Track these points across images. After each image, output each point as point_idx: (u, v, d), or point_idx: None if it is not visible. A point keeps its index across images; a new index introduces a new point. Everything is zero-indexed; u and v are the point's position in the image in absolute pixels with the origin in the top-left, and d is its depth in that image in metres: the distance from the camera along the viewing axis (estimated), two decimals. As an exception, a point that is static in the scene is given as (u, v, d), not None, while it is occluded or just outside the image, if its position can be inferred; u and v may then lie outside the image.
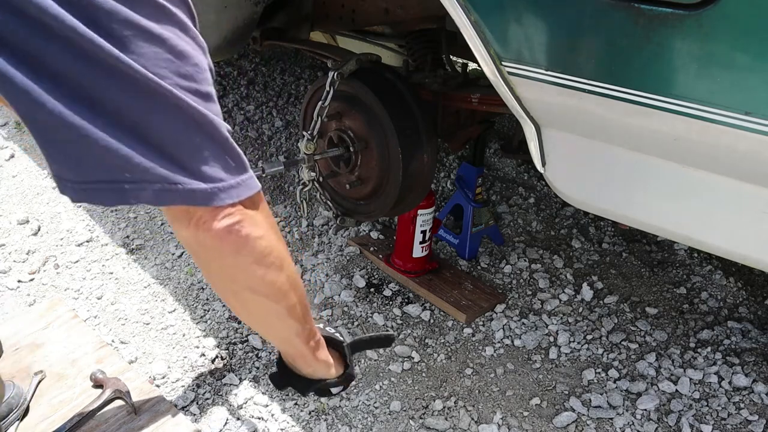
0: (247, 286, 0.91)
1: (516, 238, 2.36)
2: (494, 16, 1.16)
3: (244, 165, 0.83)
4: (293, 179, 2.67)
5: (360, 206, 1.87)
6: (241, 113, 3.32)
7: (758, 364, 1.78)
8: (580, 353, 1.82)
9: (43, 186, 2.61)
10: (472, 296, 2.00)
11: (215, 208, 0.79)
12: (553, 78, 1.12)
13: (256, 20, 1.93)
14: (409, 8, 1.76)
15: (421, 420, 1.60)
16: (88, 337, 1.74)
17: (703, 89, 0.96)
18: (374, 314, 1.94)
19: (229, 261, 0.86)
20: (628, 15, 0.98)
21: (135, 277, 2.09)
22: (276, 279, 0.91)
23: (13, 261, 2.15)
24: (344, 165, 1.78)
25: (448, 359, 1.80)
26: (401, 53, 2.31)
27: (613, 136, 1.15)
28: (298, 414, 1.59)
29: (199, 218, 0.80)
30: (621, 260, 2.25)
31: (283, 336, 1.07)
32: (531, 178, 2.77)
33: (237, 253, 0.85)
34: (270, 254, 0.88)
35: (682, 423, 1.60)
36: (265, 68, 3.85)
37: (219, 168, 0.78)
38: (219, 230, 0.80)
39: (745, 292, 2.10)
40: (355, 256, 2.22)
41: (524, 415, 1.63)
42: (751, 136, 0.93)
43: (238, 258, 0.85)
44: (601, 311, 1.99)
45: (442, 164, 2.85)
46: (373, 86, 1.66)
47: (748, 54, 0.90)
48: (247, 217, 0.83)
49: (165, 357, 1.76)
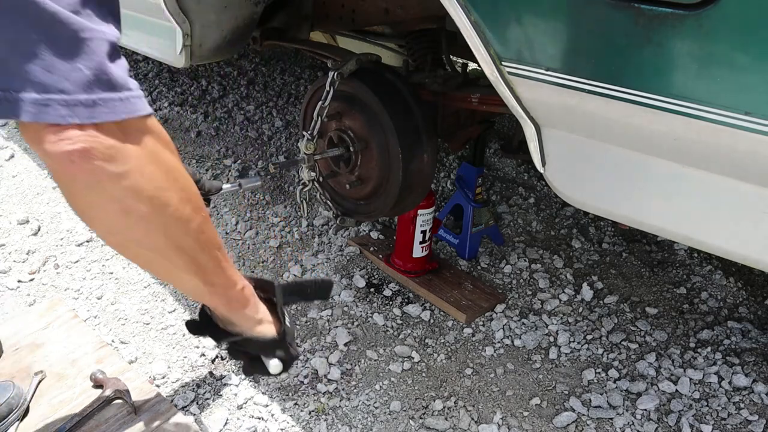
0: (108, 229, 0.78)
1: (516, 238, 2.36)
2: (494, 16, 1.16)
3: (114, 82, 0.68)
4: (293, 179, 2.67)
5: (360, 206, 1.87)
6: (241, 113, 3.33)
7: (758, 364, 1.78)
8: (580, 353, 1.82)
9: (43, 186, 2.61)
10: (472, 296, 2.00)
11: (50, 126, 0.65)
12: (553, 78, 1.12)
13: (256, 20, 1.93)
14: (409, 8, 1.76)
15: (421, 420, 1.60)
16: (88, 337, 1.73)
17: (703, 89, 0.96)
18: (374, 314, 1.94)
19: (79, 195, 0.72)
20: (628, 15, 0.98)
21: (135, 277, 2.09)
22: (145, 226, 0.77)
23: (13, 261, 2.15)
24: (344, 165, 1.78)
25: (448, 359, 1.80)
26: (401, 53, 2.31)
27: (613, 136, 1.15)
28: (298, 414, 1.59)
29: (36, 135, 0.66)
30: (621, 260, 2.25)
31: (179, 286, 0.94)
32: (531, 178, 2.77)
33: (87, 188, 0.70)
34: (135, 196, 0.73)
35: (682, 423, 1.60)
36: (265, 68, 3.85)
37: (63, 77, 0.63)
38: (55, 155, 0.66)
39: (745, 292, 2.10)
40: (355, 256, 2.22)
41: (524, 415, 1.63)
42: (751, 136, 0.93)
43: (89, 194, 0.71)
44: (601, 311, 1.99)
45: (442, 164, 2.86)
46: (373, 86, 1.66)
47: (748, 54, 0.90)
48: (98, 147, 0.67)
49: (165, 357, 1.76)
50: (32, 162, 2.78)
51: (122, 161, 0.70)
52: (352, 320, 1.93)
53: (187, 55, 1.84)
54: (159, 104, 3.43)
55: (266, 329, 1.06)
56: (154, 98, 3.52)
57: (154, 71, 3.86)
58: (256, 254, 2.23)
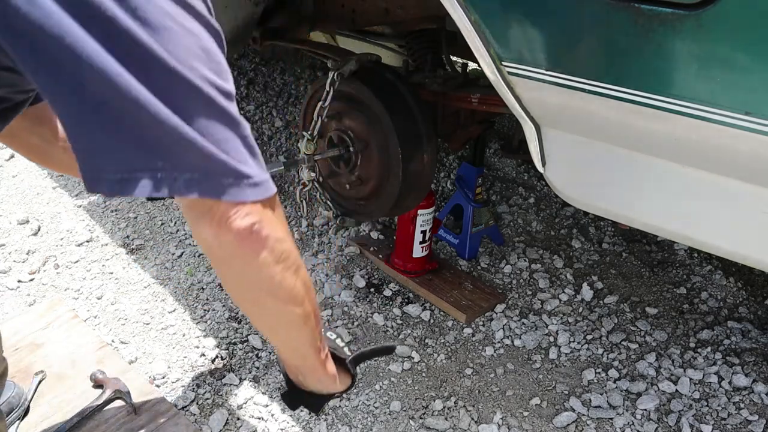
0: (267, 290, 0.89)
1: (516, 238, 2.36)
2: (494, 17, 1.16)
3: (263, 165, 0.82)
4: (293, 179, 2.67)
5: (360, 206, 1.87)
6: (241, 113, 3.32)
7: (758, 364, 1.78)
8: (580, 353, 1.82)
9: (43, 186, 2.61)
10: (472, 296, 2.00)
11: (239, 204, 0.78)
12: (553, 78, 1.12)
13: (256, 20, 1.93)
14: (409, 8, 1.76)
15: (421, 420, 1.60)
16: (88, 337, 1.74)
17: (703, 89, 0.96)
18: (374, 314, 1.94)
19: (250, 263, 0.84)
20: (628, 15, 0.98)
21: (135, 277, 2.09)
22: (294, 284, 0.90)
23: (13, 261, 2.15)
24: (344, 165, 1.78)
25: (448, 359, 1.80)
26: (401, 53, 2.31)
27: (613, 136, 1.15)
28: (298, 414, 1.59)
29: (222, 214, 0.78)
30: (621, 260, 2.25)
31: (297, 346, 1.04)
32: (531, 178, 2.77)
33: (257, 254, 0.83)
34: (288, 258, 0.87)
35: (682, 423, 1.60)
36: (265, 68, 3.85)
37: (244, 164, 0.77)
38: (241, 228, 0.79)
39: (745, 292, 2.10)
40: (355, 256, 2.22)
41: (524, 415, 1.63)
42: (751, 136, 0.93)
43: (258, 260, 0.83)
44: (601, 311, 1.99)
45: (442, 164, 2.85)
46: (373, 86, 1.66)
47: (748, 54, 0.90)
48: (267, 218, 0.81)
49: (165, 357, 1.76)
50: (32, 162, 2.78)
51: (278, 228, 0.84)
52: (352, 320, 1.93)
53: (187, 55, 1.83)
54: (159, 104, 3.42)
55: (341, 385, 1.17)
56: (154, 98, 3.51)
57: (154, 71, 3.86)
58: (256, 254, 2.23)
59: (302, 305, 0.94)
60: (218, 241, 0.81)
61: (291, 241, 0.89)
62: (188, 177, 0.74)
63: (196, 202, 0.78)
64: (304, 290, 0.93)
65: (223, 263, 0.88)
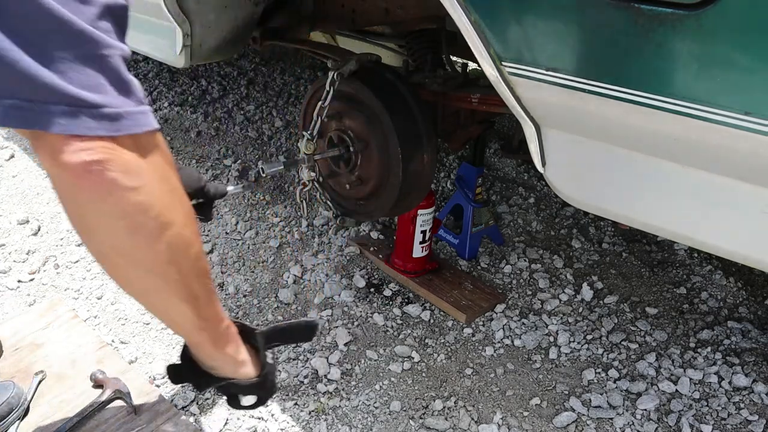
0: (111, 246, 0.75)
1: (516, 238, 2.36)
2: (494, 16, 1.16)
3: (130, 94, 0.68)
4: (293, 179, 2.67)
5: (360, 206, 1.87)
6: (241, 113, 3.33)
7: (758, 364, 1.78)
8: (580, 353, 1.82)
9: (43, 186, 2.61)
10: (472, 296, 2.00)
11: (71, 137, 0.64)
12: (553, 78, 1.12)
13: (256, 20, 1.93)
14: (409, 8, 1.76)
15: (421, 420, 1.60)
16: (88, 337, 1.74)
17: (703, 89, 0.96)
18: (374, 314, 1.94)
19: (88, 209, 0.70)
20: (628, 15, 0.98)
21: (135, 277, 2.09)
22: (149, 245, 0.75)
23: (13, 261, 2.15)
24: (344, 165, 1.78)
25: (448, 359, 1.80)
26: (401, 53, 2.31)
27: (613, 136, 1.15)
28: (298, 414, 1.59)
29: (53, 146, 0.65)
30: (621, 260, 2.25)
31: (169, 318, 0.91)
32: (531, 178, 2.77)
33: (95, 202, 0.69)
34: (145, 212, 0.72)
35: (682, 423, 1.60)
36: (265, 68, 3.85)
37: (91, 90, 0.64)
38: (73, 165, 0.65)
39: (745, 292, 2.10)
40: (355, 256, 2.22)
41: (524, 415, 1.63)
42: (751, 136, 0.93)
43: (97, 208, 0.70)
44: (601, 311, 1.99)
45: (442, 164, 2.86)
46: (373, 86, 1.66)
47: (748, 54, 0.90)
48: (116, 159, 0.67)
49: (165, 357, 1.76)
50: (32, 162, 2.78)
51: (136, 175, 0.70)
52: (352, 320, 1.93)
53: (187, 55, 1.84)
54: (159, 104, 3.43)
55: (248, 371, 1.06)
56: (154, 98, 3.52)
57: (154, 71, 3.86)
58: (256, 254, 2.23)
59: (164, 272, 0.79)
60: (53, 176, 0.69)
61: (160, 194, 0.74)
62: (8, 104, 0.62)
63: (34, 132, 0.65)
64: (167, 255, 0.77)
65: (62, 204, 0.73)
